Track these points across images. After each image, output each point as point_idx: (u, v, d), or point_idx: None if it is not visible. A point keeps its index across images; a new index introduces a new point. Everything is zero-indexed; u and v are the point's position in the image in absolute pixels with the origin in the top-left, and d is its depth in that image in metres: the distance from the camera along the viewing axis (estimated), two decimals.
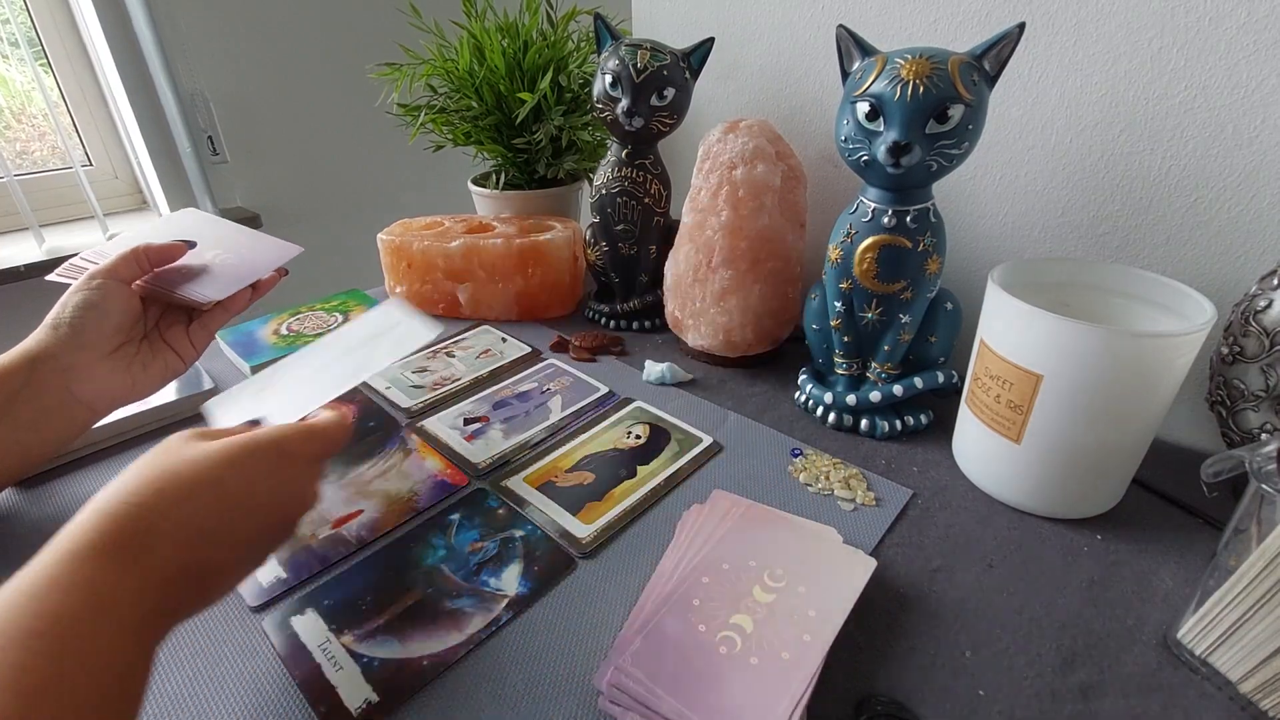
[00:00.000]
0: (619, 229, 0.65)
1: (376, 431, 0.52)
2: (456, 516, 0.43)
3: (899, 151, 0.40)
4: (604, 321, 0.69)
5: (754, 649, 0.32)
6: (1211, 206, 0.46)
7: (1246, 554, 0.30)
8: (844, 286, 0.49)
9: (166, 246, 0.47)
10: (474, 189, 0.77)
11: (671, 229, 0.63)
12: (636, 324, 0.69)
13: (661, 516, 0.43)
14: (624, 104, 0.56)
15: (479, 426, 0.52)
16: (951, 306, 0.50)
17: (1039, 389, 0.39)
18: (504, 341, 0.65)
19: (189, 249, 0.50)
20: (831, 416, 0.52)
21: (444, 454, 0.49)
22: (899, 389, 0.50)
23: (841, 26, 0.44)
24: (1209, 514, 0.42)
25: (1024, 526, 0.42)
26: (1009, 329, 0.40)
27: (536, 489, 0.45)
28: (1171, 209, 0.47)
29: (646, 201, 0.63)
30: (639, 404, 0.55)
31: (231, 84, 1.24)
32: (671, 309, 0.61)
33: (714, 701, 0.30)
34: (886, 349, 0.50)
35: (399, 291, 0.71)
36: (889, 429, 0.51)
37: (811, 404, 0.54)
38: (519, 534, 0.41)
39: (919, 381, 0.50)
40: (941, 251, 0.47)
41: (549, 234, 0.67)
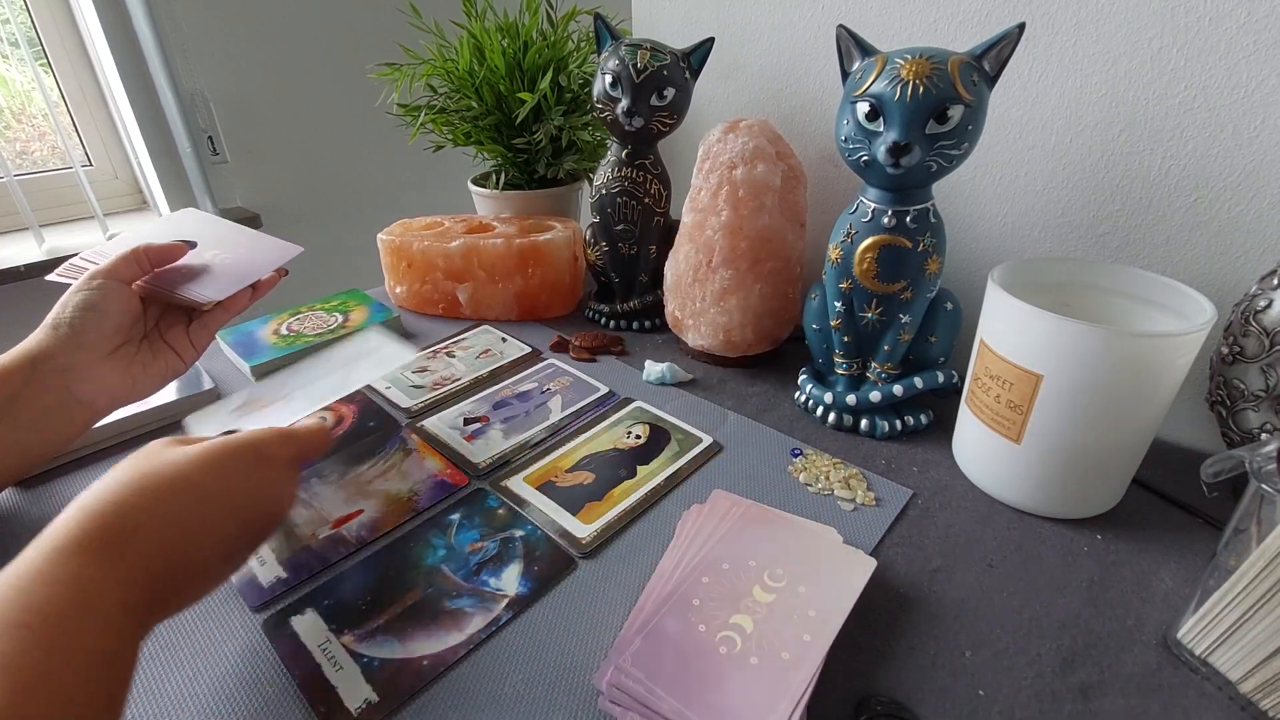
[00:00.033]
0: (619, 229, 0.65)
1: (376, 431, 0.52)
2: (456, 516, 0.43)
3: (899, 152, 0.40)
4: (604, 321, 0.69)
5: (754, 649, 0.32)
6: (1211, 206, 0.46)
7: (1246, 554, 0.30)
8: (844, 286, 0.49)
9: (167, 247, 0.47)
10: (474, 189, 0.77)
11: (671, 229, 0.63)
12: (636, 324, 0.69)
13: (661, 516, 0.43)
14: (624, 104, 0.56)
15: (479, 426, 0.52)
16: (951, 306, 0.50)
17: (1039, 389, 0.39)
18: (504, 341, 0.65)
19: (189, 249, 0.50)
20: (831, 416, 0.52)
21: (444, 454, 0.49)
22: (899, 389, 0.50)
23: (841, 26, 0.44)
24: (1209, 514, 0.42)
25: (1024, 526, 0.42)
26: (1009, 329, 0.40)
27: (536, 489, 0.45)
28: (1171, 209, 0.47)
29: (646, 201, 0.63)
30: (639, 404, 0.55)
31: (231, 84, 1.24)
32: (671, 309, 0.61)
33: (714, 701, 0.30)
34: (886, 349, 0.50)
35: (399, 291, 0.71)
36: (889, 429, 0.51)
37: (811, 404, 0.54)
38: (519, 534, 0.41)
39: (919, 381, 0.50)
40: (941, 251, 0.47)
41: (549, 234, 0.67)
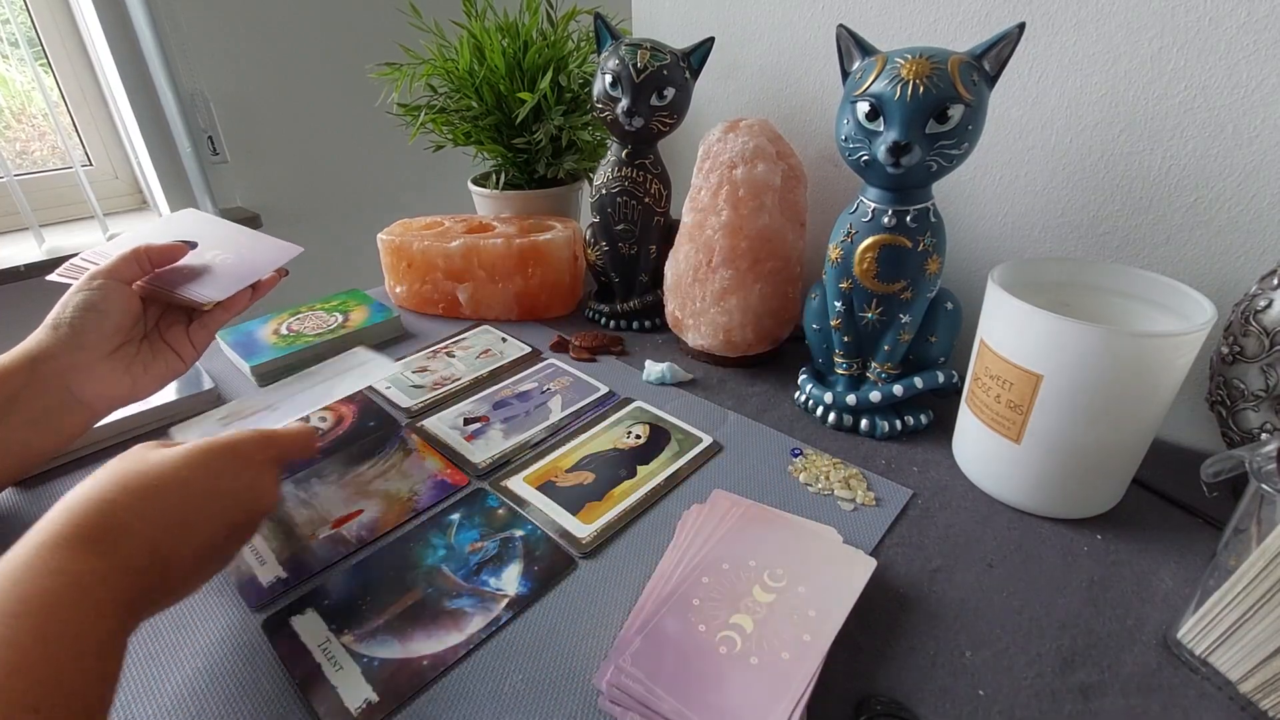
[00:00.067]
0: (619, 229, 0.65)
1: (376, 431, 0.52)
2: (456, 516, 0.43)
3: (899, 151, 0.40)
4: (604, 321, 0.69)
5: (754, 649, 0.32)
6: (1211, 206, 0.46)
7: (1246, 554, 0.30)
8: (844, 286, 0.49)
9: (168, 247, 0.47)
10: (474, 189, 0.77)
11: (671, 229, 0.63)
12: (636, 324, 0.69)
13: (661, 516, 0.43)
14: (624, 104, 0.56)
15: (479, 426, 0.52)
16: (951, 306, 0.50)
17: (1039, 389, 0.39)
18: (504, 341, 0.65)
19: (190, 249, 0.50)
20: (831, 416, 0.52)
21: (444, 454, 0.49)
22: (899, 389, 0.50)
23: (841, 26, 0.44)
24: (1209, 514, 0.42)
25: (1024, 526, 0.42)
26: (1009, 329, 0.40)
27: (536, 489, 0.45)
28: (1171, 209, 0.47)
29: (646, 201, 0.63)
30: (639, 404, 0.55)
31: (231, 84, 1.24)
32: (671, 309, 0.61)
33: (714, 701, 0.30)
34: (886, 349, 0.50)
35: (399, 291, 0.71)
36: (889, 429, 0.51)
37: (811, 404, 0.54)
38: (519, 534, 0.41)
39: (919, 381, 0.50)
40: (941, 251, 0.47)
41: (549, 234, 0.67)
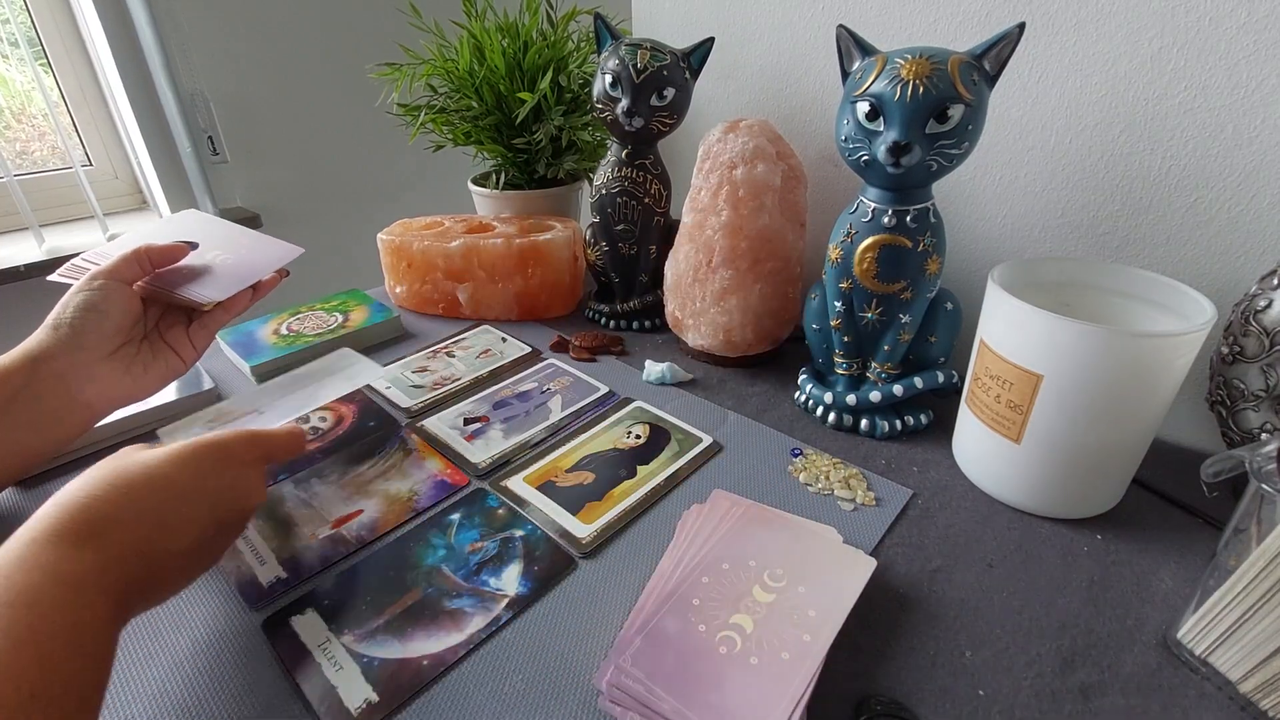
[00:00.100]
0: (619, 229, 0.65)
1: (376, 431, 0.52)
2: (456, 516, 0.43)
3: (899, 151, 0.40)
4: (604, 321, 0.69)
5: (754, 649, 0.32)
6: (1211, 206, 0.46)
7: (1246, 554, 0.30)
8: (844, 286, 0.49)
9: (168, 247, 0.47)
10: (474, 189, 0.77)
11: (671, 229, 0.63)
12: (636, 324, 0.69)
13: (661, 516, 0.43)
14: (624, 104, 0.56)
15: (479, 426, 0.52)
16: (951, 306, 0.50)
17: (1039, 389, 0.39)
18: (504, 341, 0.65)
19: (191, 250, 0.50)
20: (831, 416, 0.52)
21: (444, 454, 0.49)
22: (899, 389, 0.50)
23: (841, 26, 0.44)
24: (1209, 514, 0.42)
25: (1024, 526, 0.42)
26: (1009, 329, 0.40)
27: (536, 489, 0.45)
28: (1171, 209, 0.47)
29: (646, 201, 0.63)
30: (639, 404, 0.55)
31: (231, 84, 1.24)
32: (671, 309, 0.61)
33: (714, 701, 0.30)
34: (886, 349, 0.50)
35: (399, 291, 0.71)
36: (889, 429, 0.51)
37: (811, 404, 0.54)
38: (519, 534, 0.41)
39: (919, 381, 0.50)
40: (941, 251, 0.47)
41: (549, 234, 0.67)
